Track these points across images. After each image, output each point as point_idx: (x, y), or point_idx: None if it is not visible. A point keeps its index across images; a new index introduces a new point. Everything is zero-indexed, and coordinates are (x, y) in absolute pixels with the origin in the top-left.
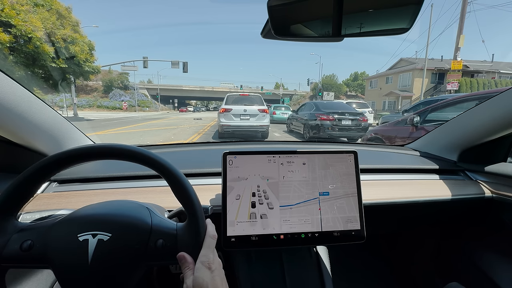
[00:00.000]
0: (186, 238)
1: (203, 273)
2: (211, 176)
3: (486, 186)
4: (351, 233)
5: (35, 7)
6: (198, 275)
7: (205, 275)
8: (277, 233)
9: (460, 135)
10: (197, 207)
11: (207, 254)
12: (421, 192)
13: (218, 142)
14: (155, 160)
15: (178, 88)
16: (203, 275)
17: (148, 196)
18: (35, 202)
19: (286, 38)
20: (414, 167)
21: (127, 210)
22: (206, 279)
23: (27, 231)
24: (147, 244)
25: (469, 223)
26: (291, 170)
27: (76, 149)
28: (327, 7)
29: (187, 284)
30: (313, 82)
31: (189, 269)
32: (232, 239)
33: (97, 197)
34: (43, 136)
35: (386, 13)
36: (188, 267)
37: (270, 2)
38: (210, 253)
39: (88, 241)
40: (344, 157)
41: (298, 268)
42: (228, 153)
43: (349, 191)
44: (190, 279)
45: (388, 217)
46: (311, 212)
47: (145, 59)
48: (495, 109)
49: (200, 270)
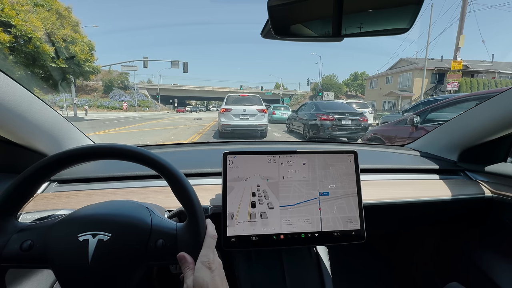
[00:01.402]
0: (186, 238)
1: (203, 273)
2: (211, 176)
3: (486, 186)
4: (351, 233)
5: (35, 7)
6: (199, 275)
7: (205, 275)
8: (277, 233)
9: (460, 135)
10: (197, 207)
11: (207, 254)
12: (421, 192)
13: (218, 142)
14: (155, 160)
15: (178, 88)
16: (203, 275)
17: (148, 196)
18: (35, 202)
19: (286, 38)
20: (414, 167)
21: (127, 210)
22: (206, 279)
23: (27, 231)
24: (147, 244)
25: (469, 223)
26: (291, 170)
27: (76, 149)
28: (327, 7)
29: (187, 284)
30: (313, 82)
31: (189, 269)
32: (232, 239)
33: (97, 197)
34: (43, 136)
35: (386, 13)
36: (188, 267)
37: (270, 2)
38: (210, 253)
39: (88, 241)
40: (344, 157)
41: (298, 268)
42: (228, 153)
43: (349, 191)
44: (191, 279)
45: (388, 217)
46: (311, 212)
47: (145, 59)
48: (495, 109)
49: (200, 270)
